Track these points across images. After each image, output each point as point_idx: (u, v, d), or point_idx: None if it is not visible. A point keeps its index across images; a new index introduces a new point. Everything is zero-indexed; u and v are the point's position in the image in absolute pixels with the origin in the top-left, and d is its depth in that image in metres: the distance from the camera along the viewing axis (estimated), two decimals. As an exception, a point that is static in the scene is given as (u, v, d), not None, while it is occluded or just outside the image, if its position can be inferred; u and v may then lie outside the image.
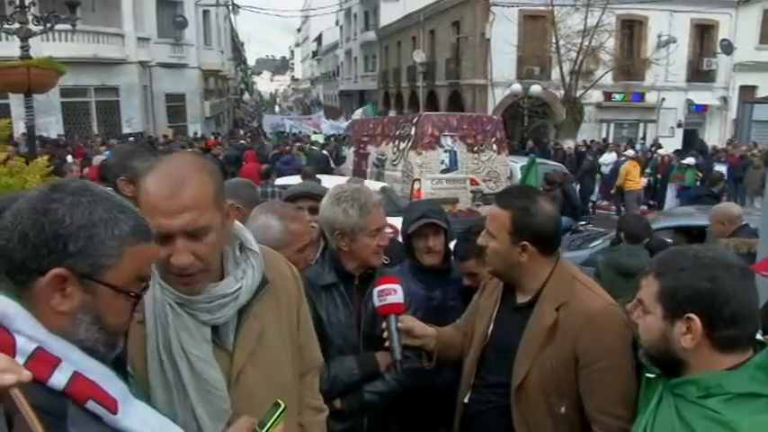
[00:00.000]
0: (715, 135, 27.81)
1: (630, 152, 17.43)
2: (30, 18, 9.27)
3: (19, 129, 15.29)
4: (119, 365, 1.21)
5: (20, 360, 1.01)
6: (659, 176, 16.64)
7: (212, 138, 24.74)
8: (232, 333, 1.59)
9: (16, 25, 9.11)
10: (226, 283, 1.55)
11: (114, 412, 1.10)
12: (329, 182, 6.97)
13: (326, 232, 2.39)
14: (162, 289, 1.52)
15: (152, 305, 1.53)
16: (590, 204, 16.24)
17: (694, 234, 6.32)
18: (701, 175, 14.93)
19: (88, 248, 1.08)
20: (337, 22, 52.63)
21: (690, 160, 15.81)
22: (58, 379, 1.04)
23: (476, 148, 11.42)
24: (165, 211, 1.39)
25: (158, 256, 1.41)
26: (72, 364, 1.07)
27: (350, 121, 24.53)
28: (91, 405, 1.07)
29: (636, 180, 14.93)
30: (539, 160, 12.28)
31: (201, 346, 1.54)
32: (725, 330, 1.45)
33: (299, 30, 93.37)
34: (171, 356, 1.53)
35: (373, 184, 7.10)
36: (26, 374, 0.89)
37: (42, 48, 13.70)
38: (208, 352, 1.54)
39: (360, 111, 30.14)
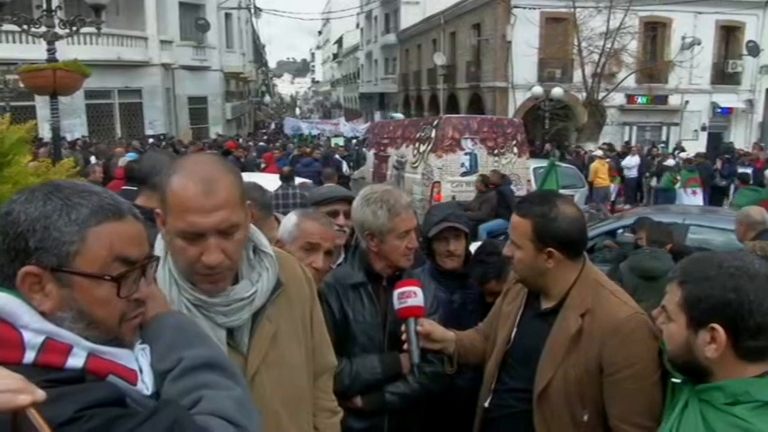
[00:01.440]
0: (740, 138, 27.31)
1: (599, 152, 18.20)
2: (56, 22, 9.40)
3: (44, 130, 15.53)
4: None
5: (30, 354, 1.01)
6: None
7: (232, 140, 24.78)
8: (246, 336, 1.59)
9: (43, 29, 9.24)
10: (242, 286, 1.55)
11: (134, 383, 1.11)
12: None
13: (357, 232, 2.43)
14: (179, 290, 1.51)
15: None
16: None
17: None
18: (678, 178, 14.77)
19: (47, 239, 1.05)
20: (358, 25, 52.78)
21: (669, 162, 15.72)
22: (74, 363, 1.04)
23: (496, 152, 11.41)
24: (201, 209, 1.39)
25: (190, 254, 1.42)
26: (84, 348, 1.06)
27: (369, 123, 24.51)
28: (111, 378, 1.07)
29: (604, 177, 15.79)
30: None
31: None
32: (750, 341, 1.42)
33: (319, 32, 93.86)
34: None
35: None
36: (40, 394, 0.88)
37: (68, 51, 13.86)
38: None
39: None
